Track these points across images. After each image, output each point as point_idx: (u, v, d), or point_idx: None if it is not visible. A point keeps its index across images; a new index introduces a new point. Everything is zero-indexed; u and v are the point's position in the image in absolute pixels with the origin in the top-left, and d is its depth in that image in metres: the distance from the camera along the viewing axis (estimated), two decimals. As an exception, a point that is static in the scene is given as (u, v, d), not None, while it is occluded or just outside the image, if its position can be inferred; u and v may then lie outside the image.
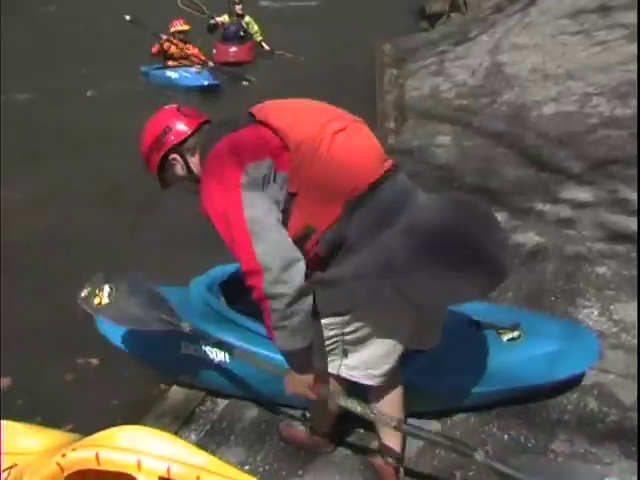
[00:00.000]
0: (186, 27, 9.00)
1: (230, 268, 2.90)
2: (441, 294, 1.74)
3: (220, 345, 2.49)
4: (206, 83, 8.29)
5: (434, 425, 2.45)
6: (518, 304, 3.10)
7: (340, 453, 2.40)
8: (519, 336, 2.48)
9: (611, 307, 3.02)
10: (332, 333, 1.87)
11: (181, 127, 1.94)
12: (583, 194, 4.15)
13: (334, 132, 1.76)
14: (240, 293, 2.89)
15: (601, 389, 2.55)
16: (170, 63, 8.88)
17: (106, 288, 2.35)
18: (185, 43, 8.99)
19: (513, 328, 2.50)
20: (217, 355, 2.51)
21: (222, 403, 2.74)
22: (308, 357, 1.85)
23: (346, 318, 1.82)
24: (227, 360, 2.49)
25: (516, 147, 5.09)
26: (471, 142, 5.37)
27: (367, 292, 1.72)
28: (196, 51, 9.08)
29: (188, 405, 2.75)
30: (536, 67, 6.89)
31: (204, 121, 1.99)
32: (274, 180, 1.75)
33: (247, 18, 10.20)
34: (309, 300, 1.74)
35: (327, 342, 1.90)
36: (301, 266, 1.70)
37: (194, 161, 1.95)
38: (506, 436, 2.39)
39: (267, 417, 2.60)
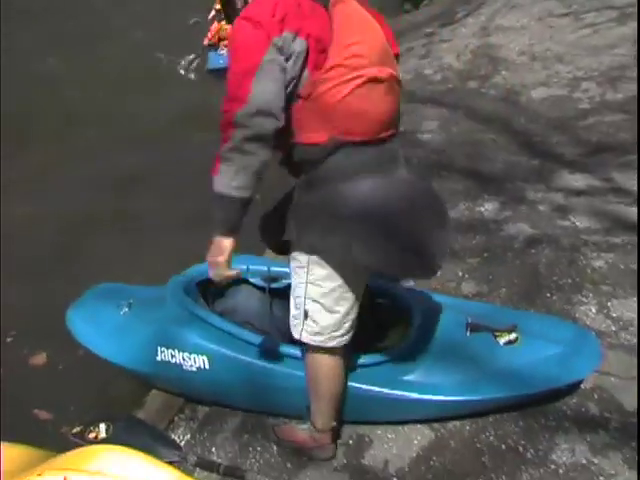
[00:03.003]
0: (218, 6, 8.60)
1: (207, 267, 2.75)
2: (382, 263, 1.88)
3: (200, 350, 2.34)
4: (224, 65, 7.98)
5: (426, 435, 2.32)
6: (512, 301, 2.96)
7: (331, 464, 2.26)
8: (516, 339, 2.34)
9: (609, 304, 2.88)
10: (298, 281, 1.96)
11: None
12: (577, 182, 4.00)
13: (369, 79, 1.75)
14: (220, 292, 2.77)
15: (602, 393, 2.42)
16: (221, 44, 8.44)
17: (102, 425, 2.39)
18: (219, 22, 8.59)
19: (510, 330, 2.36)
20: (196, 361, 2.35)
21: (202, 410, 2.59)
22: (235, 217, 1.76)
23: (312, 258, 1.90)
24: (207, 367, 2.34)
25: (506, 133, 4.92)
26: (459, 128, 5.19)
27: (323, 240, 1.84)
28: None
29: (167, 413, 2.60)
30: (523, 50, 6.71)
31: None
32: (293, 51, 1.70)
33: None
34: (264, 155, 1.70)
35: (293, 302, 2.02)
36: (275, 122, 1.68)
37: None
38: (504, 446, 2.25)
39: (250, 427, 2.45)
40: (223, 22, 8.29)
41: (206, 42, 8.53)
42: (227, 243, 1.78)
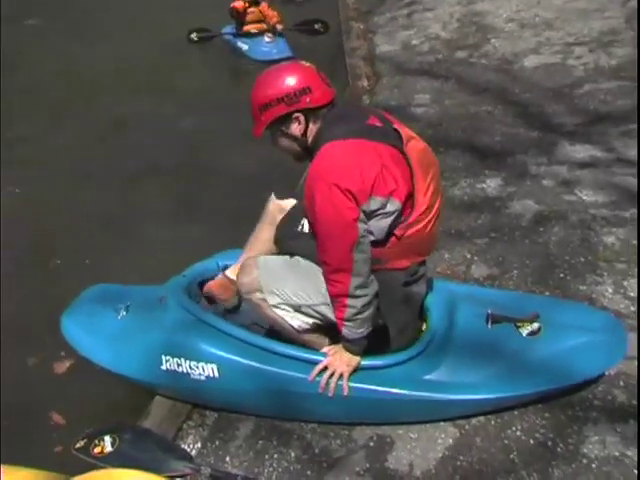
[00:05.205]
0: None
1: (209, 265, 2.61)
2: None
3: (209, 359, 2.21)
4: (276, 57, 7.59)
5: (450, 432, 2.22)
6: (526, 284, 2.86)
7: (352, 469, 2.16)
8: (539, 329, 2.23)
9: (625, 283, 2.80)
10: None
11: (321, 94, 2.00)
12: (579, 154, 3.90)
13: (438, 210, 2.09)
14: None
15: (628, 379, 2.33)
16: (245, 28, 7.88)
17: (107, 438, 2.26)
18: (257, 4, 7.94)
19: (532, 319, 2.25)
20: (205, 370, 2.22)
21: (211, 416, 2.45)
22: (364, 343, 2.09)
23: None
24: (217, 375, 2.21)
25: (501, 104, 4.80)
26: (453, 100, 5.06)
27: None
28: (271, 12, 7.91)
29: (174, 421, 2.45)
30: (511, 17, 6.58)
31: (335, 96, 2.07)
32: (388, 212, 1.95)
33: None
34: (376, 300, 2.02)
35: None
36: (376, 283, 2.00)
37: (313, 128, 2.03)
38: (532, 440, 2.16)
39: (264, 432, 2.32)
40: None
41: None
42: (359, 360, 2.11)
